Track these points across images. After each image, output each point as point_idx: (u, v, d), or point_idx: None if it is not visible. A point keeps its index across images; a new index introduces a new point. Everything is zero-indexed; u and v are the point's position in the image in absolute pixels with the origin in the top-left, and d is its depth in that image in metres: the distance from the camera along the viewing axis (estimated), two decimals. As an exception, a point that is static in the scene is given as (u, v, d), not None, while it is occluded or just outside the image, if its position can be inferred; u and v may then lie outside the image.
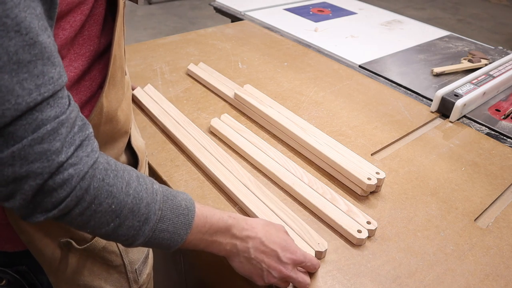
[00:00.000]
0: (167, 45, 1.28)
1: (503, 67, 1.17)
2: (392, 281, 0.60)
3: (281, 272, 0.55)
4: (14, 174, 0.37)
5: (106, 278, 0.62)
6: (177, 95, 1.01)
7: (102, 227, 0.44)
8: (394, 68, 1.23)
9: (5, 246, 0.54)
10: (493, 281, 0.61)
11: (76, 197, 0.41)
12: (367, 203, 0.73)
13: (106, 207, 0.43)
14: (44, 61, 0.37)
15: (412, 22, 1.63)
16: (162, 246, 0.50)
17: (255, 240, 0.55)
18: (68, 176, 0.39)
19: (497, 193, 0.78)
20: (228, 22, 1.60)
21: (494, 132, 0.96)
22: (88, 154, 0.41)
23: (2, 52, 0.34)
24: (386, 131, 0.93)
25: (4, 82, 0.35)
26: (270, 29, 1.47)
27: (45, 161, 0.38)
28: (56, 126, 0.38)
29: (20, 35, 0.35)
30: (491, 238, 0.68)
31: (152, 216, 0.47)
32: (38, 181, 0.38)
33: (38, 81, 0.37)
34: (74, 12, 0.44)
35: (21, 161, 0.37)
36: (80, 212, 0.42)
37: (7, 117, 0.35)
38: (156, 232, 0.48)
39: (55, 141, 0.38)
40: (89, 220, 0.43)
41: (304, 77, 1.14)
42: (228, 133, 0.85)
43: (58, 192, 0.39)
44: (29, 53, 0.36)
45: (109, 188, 0.43)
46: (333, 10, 1.72)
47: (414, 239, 0.67)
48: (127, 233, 0.46)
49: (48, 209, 0.40)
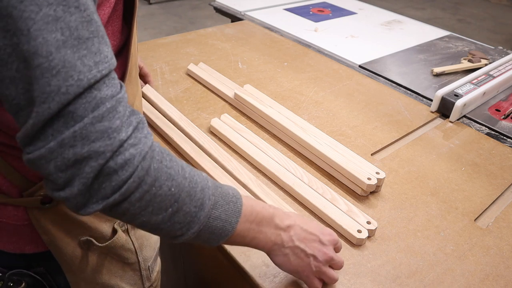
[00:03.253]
0: (167, 45, 1.28)
1: (503, 67, 1.17)
2: (392, 281, 0.60)
3: (326, 254, 0.54)
4: (75, 155, 0.36)
5: (122, 276, 0.63)
6: (177, 95, 1.01)
7: (160, 213, 0.42)
8: (394, 68, 1.23)
9: (25, 248, 0.55)
10: (493, 281, 0.61)
11: (138, 178, 0.39)
12: (367, 203, 0.73)
13: (166, 190, 0.42)
14: (100, 39, 0.37)
15: (412, 22, 1.63)
16: (213, 236, 0.47)
17: (296, 228, 0.53)
18: (130, 156, 0.38)
19: (497, 193, 0.78)
20: (228, 22, 1.60)
21: (494, 132, 0.96)
22: (146, 135, 0.40)
23: (64, 27, 0.34)
24: (386, 131, 0.93)
25: (68, 57, 0.34)
26: (270, 29, 1.47)
27: (107, 139, 0.37)
28: (114, 105, 0.37)
29: (79, 11, 0.35)
30: (491, 238, 0.68)
31: (207, 202, 0.45)
32: (100, 160, 0.37)
33: (96, 58, 0.36)
34: (104, 5, 0.45)
35: (82, 141, 0.36)
36: (140, 196, 0.40)
37: (70, 93, 0.35)
38: (210, 220, 0.46)
39: (114, 119, 0.37)
40: (148, 205, 0.41)
41: (304, 77, 1.14)
42: (228, 133, 0.85)
43: (119, 174, 0.38)
44: (87, 29, 0.36)
45: (168, 170, 0.42)
46: (333, 10, 1.72)
47: (414, 239, 0.67)
48: (183, 219, 0.44)
49: (107, 195, 0.38)
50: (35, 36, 0.33)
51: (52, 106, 0.34)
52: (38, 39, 0.33)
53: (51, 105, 0.34)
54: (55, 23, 0.33)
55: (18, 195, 0.52)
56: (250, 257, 0.62)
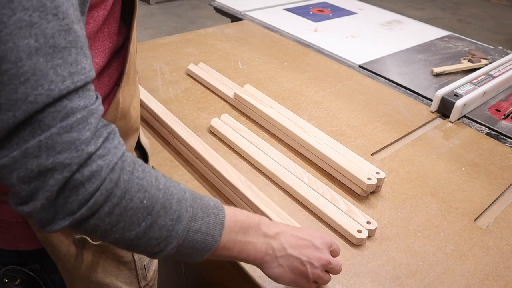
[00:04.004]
0: (167, 45, 1.28)
1: (503, 67, 1.17)
2: (392, 281, 0.60)
3: (321, 259, 0.52)
4: (39, 166, 0.34)
5: (117, 275, 0.62)
6: (177, 95, 1.01)
7: (132, 228, 0.40)
8: (394, 68, 1.23)
9: (20, 245, 0.55)
10: (493, 281, 0.61)
11: (106, 191, 0.37)
12: (367, 203, 0.73)
13: (137, 203, 0.39)
14: (78, 50, 0.36)
15: (412, 22, 1.63)
16: (195, 251, 0.45)
17: (285, 234, 0.51)
18: (97, 168, 0.36)
19: (497, 193, 0.78)
20: (228, 22, 1.60)
21: (494, 132, 0.96)
22: (116, 146, 0.39)
23: (39, 34, 0.33)
24: (386, 131, 0.93)
25: (39, 66, 0.33)
26: (270, 29, 1.47)
27: (74, 151, 0.35)
28: (86, 115, 0.36)
29: (57, 19, 0.34)
30: (491, 238, 0.68)
31: (185, 214, 0.43)
32: (65, 173, 0.35)
33: (72, 69, 0.35)
34: (98, 7, 0.44)
35: (47, 152, 0.34)
36: (109, 210, 0.38)
37: (39, 103, 0.33)
38: (189, 233, 0.43)
39: (84, 130, 0.36)
40: (119, 220, 0.39)
41: (304, 77, 1.14)
42: (228, 133, 0.85)
43: (86, 186, 0.36)
44: (64, 38, 0.34)
45: (139, 181, 0.40)
46: (333, 10, 1.72)
47: (414, 239, 0.67)
48: (159, 234, 0.41)
49: (74, 210, 0.36)
50: (5, 41, 0.31)
51: (18, 115, 0.33)
52: (8, 44, 0.32)
53: (16, 114, 0.33)
54: (29, 29, 0.32)
55: None
56: (250, 257, 0.62)
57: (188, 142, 0.78)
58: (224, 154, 0.82)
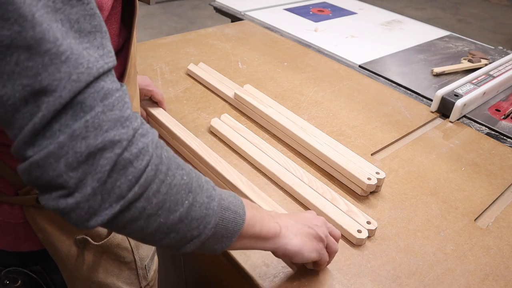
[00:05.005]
0: (167, 45, 1.28)
1: (503, 67, 1.17)
2: (392, 281, 0.60)
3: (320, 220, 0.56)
4: (88, 148, 0.33)
5: (118, 275, 0.63)
6: (177, 95, 1.01)
7: (177, 208, 0.39)
8: (394, 68, 1.23)
9: (21, 246, 0.55)
10: (493, 281, 0.61)
11: (155, 166, 0.37)
12: (367, 203, 0.73)
13: (179, 179, 0.39)
14: (103, 34, 0.36)
15: (412, 22, 1.63)
16: (227, 233, 0.44)
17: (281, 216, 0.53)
18: (143, 145, 0.36)
19: (497, 193, 0.78)
20: (228, 22, 1.60)
21: (494, 132, 0.96)
22: (150, 127, 0.39)
23: (64, 19, 0.33)
24: (386, 131, 0.93)
25: (72, 46, 0.33)
26: (270, 29, 1.47)
27: (121, 128, 0.35)
28: (122, 95, 0.36)
29: (81, 4, 0.34)
30: (491, 238, 0.68)
31: (213, 192, 0.43)
32: (116, 150, 0.34)
33: (100, 52, 0.35)
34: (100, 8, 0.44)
35: (95, 131, 0.33)
36: (157, 188, 0.37)
37: (82, 81, 0.33)
38: (222, 211, 0.43)
39: (124, 108, 0.36)
40: (165, 200, 0.38)
41: (304, 77, 1.14)
42: (228, 133, 0.85)
43: (135, 165, 0.35)
44: (89, 23, 0.35)
45: (175, 159, 0.40)
46: (333, 10, 1.72)
47: (414, 239, 0.67)
48: (199, 213, 0.41)
49: (122, 193, 0.35)
50: (40, 22, 0.31)
51: (64, 95, 0.32)
52: (43, 25, 0.31)
53: (62, 94, 0.32)
54: (54, 14, 0.32)
55: (14, 193, 0.52)
56: (250, 257, 0.62)
57: (188, 144, 0.79)
58: (224, 154, 0.82)
